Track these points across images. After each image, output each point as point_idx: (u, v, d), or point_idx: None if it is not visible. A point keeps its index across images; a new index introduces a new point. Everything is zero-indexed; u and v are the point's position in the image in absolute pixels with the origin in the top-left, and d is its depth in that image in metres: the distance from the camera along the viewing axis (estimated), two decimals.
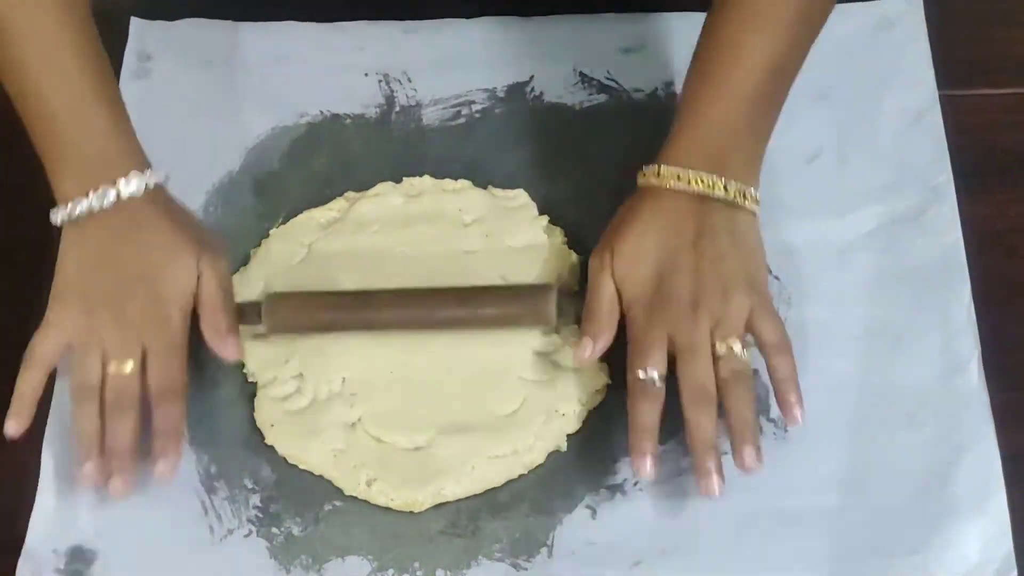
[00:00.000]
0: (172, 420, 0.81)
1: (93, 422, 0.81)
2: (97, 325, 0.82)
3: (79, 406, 0.81)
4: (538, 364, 0.85)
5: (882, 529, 0.79)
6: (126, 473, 0.80)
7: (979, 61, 0.97)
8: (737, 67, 0.82)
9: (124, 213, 0.82)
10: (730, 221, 0.81)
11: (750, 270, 0.81)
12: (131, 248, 0.83)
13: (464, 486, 0.82)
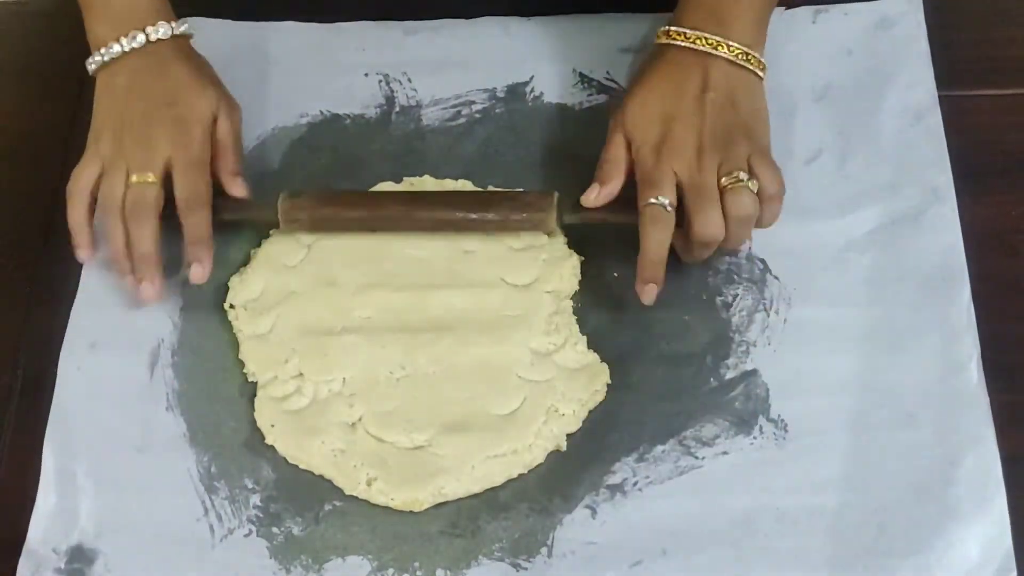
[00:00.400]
0: (200, 228, 0.87)
1: (119, 236, 0.87)
2: (124, 147, 0.88)
3: (106, 221, 0.87)
4: (538, 364, 0.85)
5: (882, 529, 0.79)
6: (152, 278, 0.86)
7: (979, 61, 0.97)
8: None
9: (152, 53, 0.90)
10: (734, 79, 0.86)
11: (750, 124, 0.86)
12: (157, 80, 0.89)
13: (464, 485, 0.82)
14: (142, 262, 0.86)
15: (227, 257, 0.91)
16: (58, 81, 1.00)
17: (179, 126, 0.88)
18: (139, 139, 0.87)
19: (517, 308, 0.87)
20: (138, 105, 0.88)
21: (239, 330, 0.88)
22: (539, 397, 0.84)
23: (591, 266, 0.90)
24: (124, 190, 0.87)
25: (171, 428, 0.85)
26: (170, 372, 0.87)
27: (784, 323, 0.86)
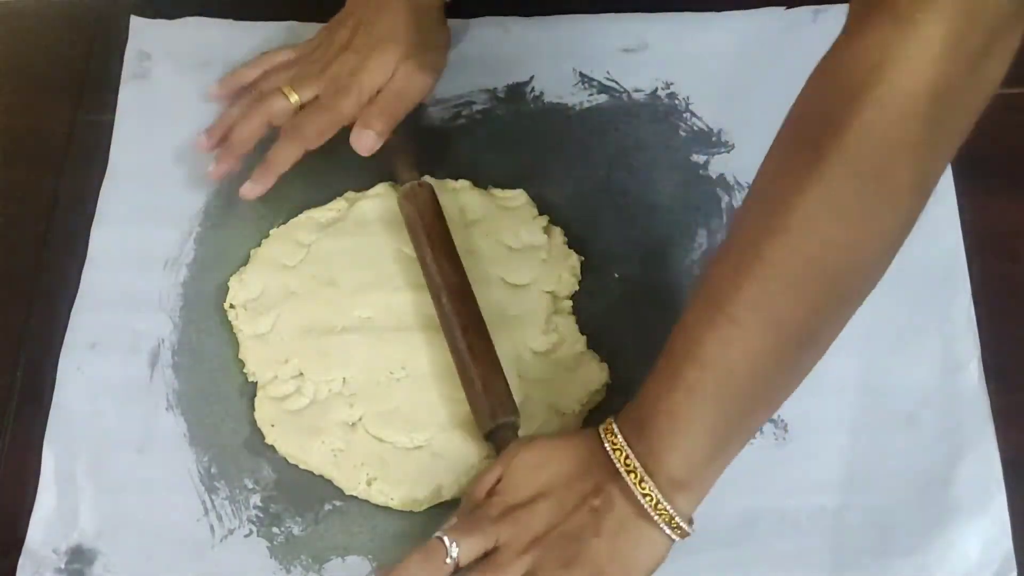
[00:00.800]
0: (280, 157, 0.89)
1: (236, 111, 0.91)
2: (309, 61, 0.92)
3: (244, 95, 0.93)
4: (537, 364, 0.85)
5: (882, 529, 0.79)
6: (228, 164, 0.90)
7: None
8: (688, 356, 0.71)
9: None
10: (634, 520, 0.72)
11: (606, 571, 0.72)
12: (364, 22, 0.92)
13: (464, 486, 0.82)
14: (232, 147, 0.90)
15: (227, 257, 0.91)
16: (58, 81, 0.99)
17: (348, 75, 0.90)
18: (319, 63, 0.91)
19: (516, 308, 0.87)
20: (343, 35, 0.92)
21: (239, 330, 0.88)
22: (539, 397, 0.84)
23: (591, 266, 0.90)
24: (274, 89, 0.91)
25: (171, 428, 0.85)
26: (170, 372, 0.87)
27: None
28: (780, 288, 0.69)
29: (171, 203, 0.93)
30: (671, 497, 0.71)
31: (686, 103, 0.96)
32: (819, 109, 0.70)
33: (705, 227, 0.90)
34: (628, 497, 0.72)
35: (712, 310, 0.70)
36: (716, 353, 0.70)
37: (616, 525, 0.72)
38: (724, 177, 0.93)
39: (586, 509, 0.73)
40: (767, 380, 0.72)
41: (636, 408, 0.74)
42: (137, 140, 0.96)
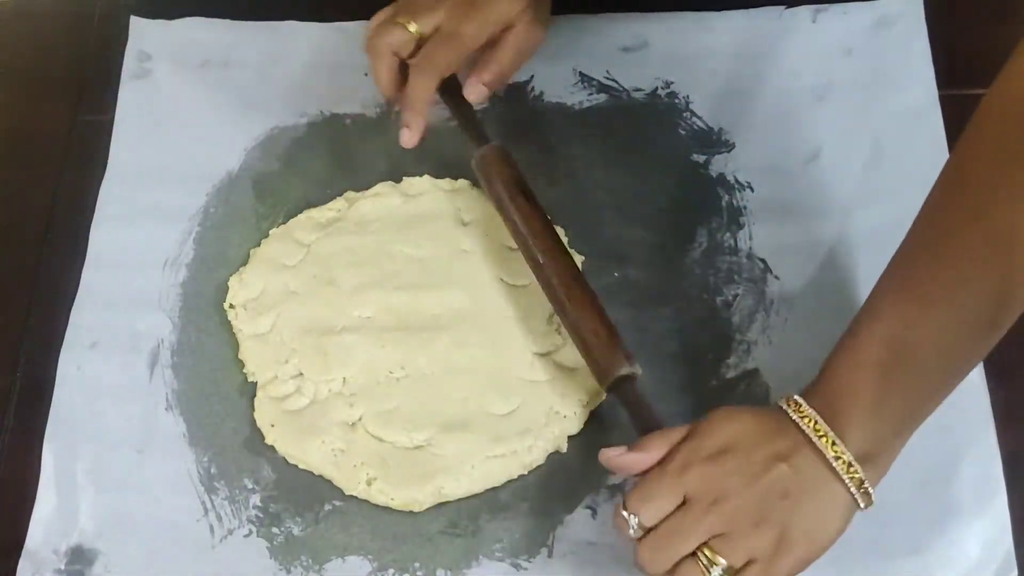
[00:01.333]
0: (416, 91, 0.86)
1: None
2: None
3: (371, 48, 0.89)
4: (538, 364, 0.85)
5: (882, 529, 0.79)
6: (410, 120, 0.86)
7: (979, 61, 0.97)
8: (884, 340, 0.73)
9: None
10: (823, 484, 0.72)
11: (790, 535, 0.71)
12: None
13: (464, 486, 0.82)
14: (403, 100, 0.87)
15: (227, 257, 0.91)
16: (58, 81, 1.00)
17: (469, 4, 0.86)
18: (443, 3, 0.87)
19: (517, 308, 0.87)
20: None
21: (239, 330, 0.88)
22: (539, 397, 0.84)
23: (591, 266, 0.89)
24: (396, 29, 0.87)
25: (171, 428, 0.85)
26: (170, 372, 0.87)
27: (785, 323, 0.86)
28: (975, 271, 0.71)
29: (171, 203, 0.93)
30: (860, 463, 0.71)
31: (686, 103, 0.96)
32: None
33: (705, 227, 0.90)
34: (818, 460, 0.72)
35: (904, 292, 0.73)
36: (906, 334, 0.72)
37: (805, 488, 0.71)
38: (724, 177, 0.93)
39: (775, 469, 0.71)
40: (952, 361, 0.73)
41: (821, 384, 0.74)
42: (137, 140, 0.96)
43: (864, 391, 0.72)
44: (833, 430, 0.72)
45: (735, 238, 0.90)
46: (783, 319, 0.86)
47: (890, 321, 0.73)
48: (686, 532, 0.71)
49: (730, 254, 0.89)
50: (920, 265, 0.73)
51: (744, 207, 0.91)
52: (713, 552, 0.70)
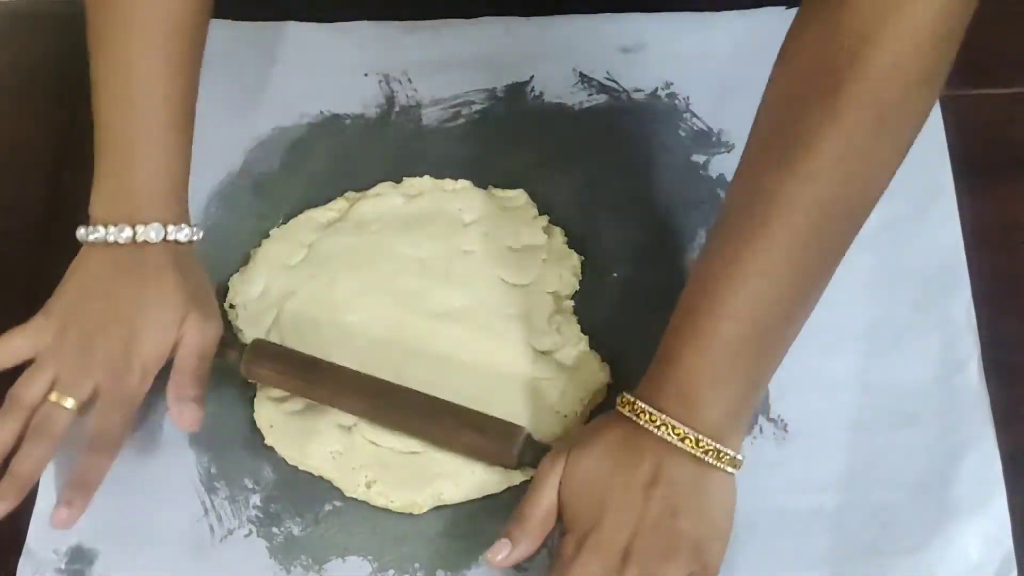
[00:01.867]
0: (92, 473, 0.81)
1: (8, 433, 0.80)
2: (61, 350, 0.81)
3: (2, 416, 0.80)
4: (538, 364, 0.85)
5: (882, 529, 0.79)
6: (7, 500, 0.79)
7: (979, 61, 0.97)
8: (721, 312, 0.74)
9: (136, 254, 0.82)
10: (696, 477, 0.74)
11: (702, 536, 0.73)
12: (125, 287, 0.82)
13: (464, 491, 0.82)
14: (13, 481, 0.79)
15: (227, 257, 0.91)
16: (58, 84, 1.00)
17: (123, 354, 0.81)
18: (79, 350, 0.81)
19: (517, 308, 0.87)
20: (95, 307, 0.82)
21: (239, 330, 0.88)
22: (540, 398, 0.84)
23: (591, 266, 0.90)
24: (41, 396, 0.80)
25: (171, 428, 0.85)
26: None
27: None
28: (809, 232, 0.73)
29: None
30: (724, 441, 0.73)
31: (686, 103, 0.96)
32: (830, 54, 0.72)
33: (705, 227, 0.90)
34: (686, 461, 0.73)
35: (739, 262, 0.73)
36: (749, 306, 0.73)
37: (687, 495, 0.73)
38: (724, 177, 0.93)
39: (653, 500, 0.73)
40: (793, 320, 0.76)
41: (666, 370, 0.75)
42: None
43: (719, 370, 0.74)
44: (689, 418, 0.73)
45: None
46: None
47: (735, 296, 0.73)
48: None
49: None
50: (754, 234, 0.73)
51: None
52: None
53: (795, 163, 0.72)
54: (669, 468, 0.73)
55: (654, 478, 0.73)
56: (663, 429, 0.73)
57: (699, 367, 0.74)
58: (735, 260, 0.73)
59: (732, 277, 0.73)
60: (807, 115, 0.72)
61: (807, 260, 0.74)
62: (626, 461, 0.74)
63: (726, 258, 0.74)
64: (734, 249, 0.74)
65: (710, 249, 0.77)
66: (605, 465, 0.75)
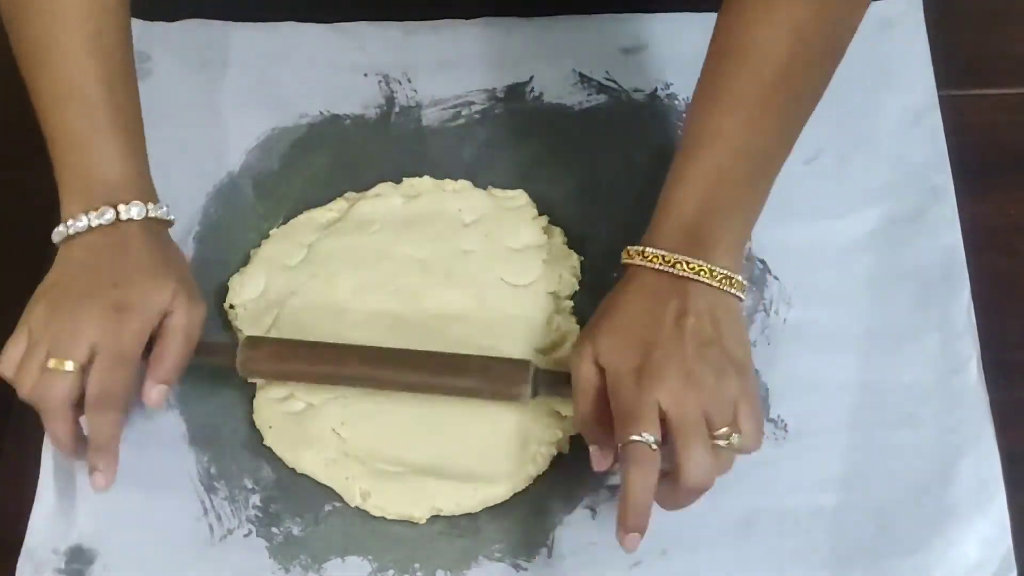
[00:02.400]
0: (104, 432, 0.80)
1: None
2: (50, 324, 0.80)
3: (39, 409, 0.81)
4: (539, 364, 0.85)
5: (882, 529, 0.79)
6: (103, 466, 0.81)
7: (979, 61, 0.97)
8: (720, 152, 0.79)
9: (116, 234, 0.82)
10: (714, 306, 0.77)
11: (738, 357, 0.76)
12: (114, 260, 0.82)
13: (464, 507, 0.82)
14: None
15: (227, 257, 0.91)
16: None
17: (117, 312, 0.79)
18: (70, 316, 0.79)
19: (517, 308, 0.87)
20: (83, 279, 0.81)
21: (239, 330, 0.88)
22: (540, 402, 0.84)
23: (591, 266, 0.90)
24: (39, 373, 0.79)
25: (171, 428, 0.85)
26: None
27: (784, 323, 0.86)
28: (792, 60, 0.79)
29: (171, 203, 0.93)
30: (731, 268, 0.78)
31: (686, 103, 0.96)
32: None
33: None
34: (705, 292, 0.77)
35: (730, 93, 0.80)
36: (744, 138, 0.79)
37: (714, 322, 0.77)
38: None
39: (689, 327, 0.76)
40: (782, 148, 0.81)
41: (672, 213, 0.79)
42: None
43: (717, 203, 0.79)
44: (704, 254, 0.77)
45: None
46: (782, 319, 0.86)
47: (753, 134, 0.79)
48: (694, 430, 0.73)
49: None
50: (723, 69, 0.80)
51: None
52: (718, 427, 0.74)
53: None
54: (693, 300, 0.77)
55: (682, 311, 0.76)
56: (679, 267, 0.77)
57: (705, 204, 0.78)
58: (726, 93, 0.79)
59: (725, 114, 0.79)
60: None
61: (792, 88, 0.79)
62: (651, 306, 0.77)
63: (717, 95, 0.79)
64: (723, 86, 0.79)
65: (699, 93, 0.81)
66: (632, 318, 0.77)
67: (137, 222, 0.82)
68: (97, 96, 0.83)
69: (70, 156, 0.83)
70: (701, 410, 0.73)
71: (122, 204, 0.82)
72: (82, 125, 0.83)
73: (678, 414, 0.73)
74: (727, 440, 0.74)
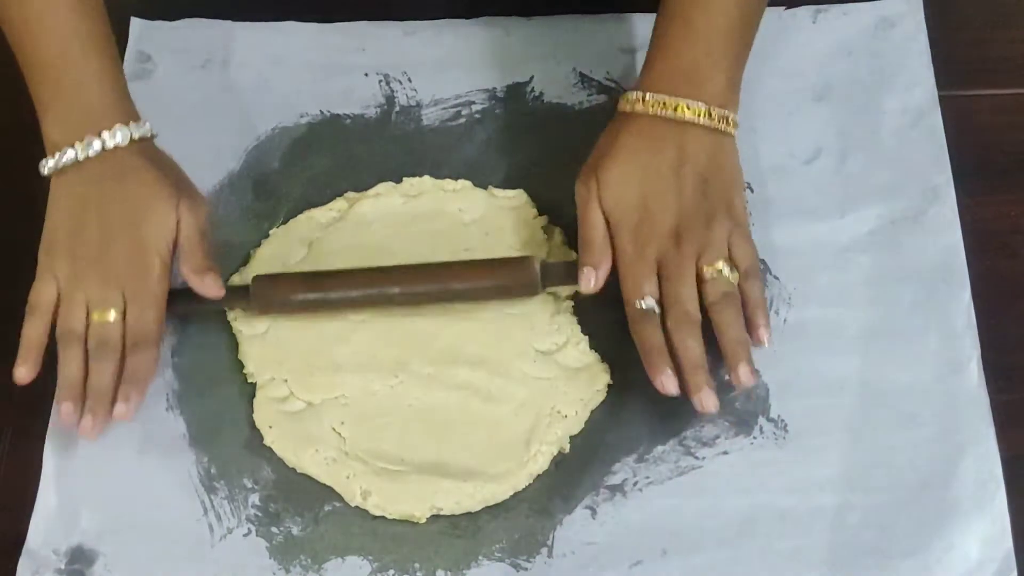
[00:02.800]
0: (141, 369, 0.84)
1: (77, 366, 0.83)
2: (81, 274, 0.84)
3: (64, 351, 0.84)
4: (540, 364, 0.85)
5: (882, 529, 0.79)
6: (99, 415, 0.83)
7: (979, 61, 0.97)
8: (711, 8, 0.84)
9: (109, 162, 0.85)
10: (711, 147, 0.84)
11: (730, 196, 0.84)
12: (115, 196, 0.85)
13: (464, 506, 0.82)
14: (97, 398, 0.83)
15: (227, 257, 0.91)
16: None
17: (137, 254, 0.85)
18: (96, 268, 0.84)
19: (518, 308, 0.87)
20: (94, 224, 0.85)
21: (238, 330, 0.88)
22: (541, 397, 0.84)
23: None
24: (86, 324, 0.84)
25: (171, 428, 0.85)
26: (170, 372, 0.87)
27: (784, 323, 0.86)
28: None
29: None
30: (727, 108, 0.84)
31: None
32: None
33: None
34: (702, 134, 0.83)
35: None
36: None
37: (709, 162, 0.83)
38: None
39: (686, 176, 0.83)
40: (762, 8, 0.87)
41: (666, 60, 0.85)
42: None
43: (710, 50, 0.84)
44: (693, 90, 0.83)
45: None
46: (782, 319, 0.86)
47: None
48: (681, 273, 0.82)
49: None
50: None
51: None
52: (709, 265, 0.82)
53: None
54: (690, 144, 0.83)
55: (680, 158, 0.83)
56: (678, 110, 0.83)
57: (697, 51, 0.84)
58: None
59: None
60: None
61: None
62: (650, 153, 0.84)
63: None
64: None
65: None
66: (633, 165, 0.84)
67: (124, 147, 0.85)
68: (68, 23, 0.85)
69: (46, 83, 0.86)
70: (692, 258, 0.82)
71: (106, 131, 0.85)
72: (56, 51, 0.85)
73: (666, 265, 0.82)
74: (718, 273, 0.82)
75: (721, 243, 0.82)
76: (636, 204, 0.83)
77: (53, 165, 0.85)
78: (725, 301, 0.82)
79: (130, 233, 0.85)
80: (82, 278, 0.84)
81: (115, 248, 0.84)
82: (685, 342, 0.81)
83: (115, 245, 0.84)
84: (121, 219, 0.85)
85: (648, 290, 0.82)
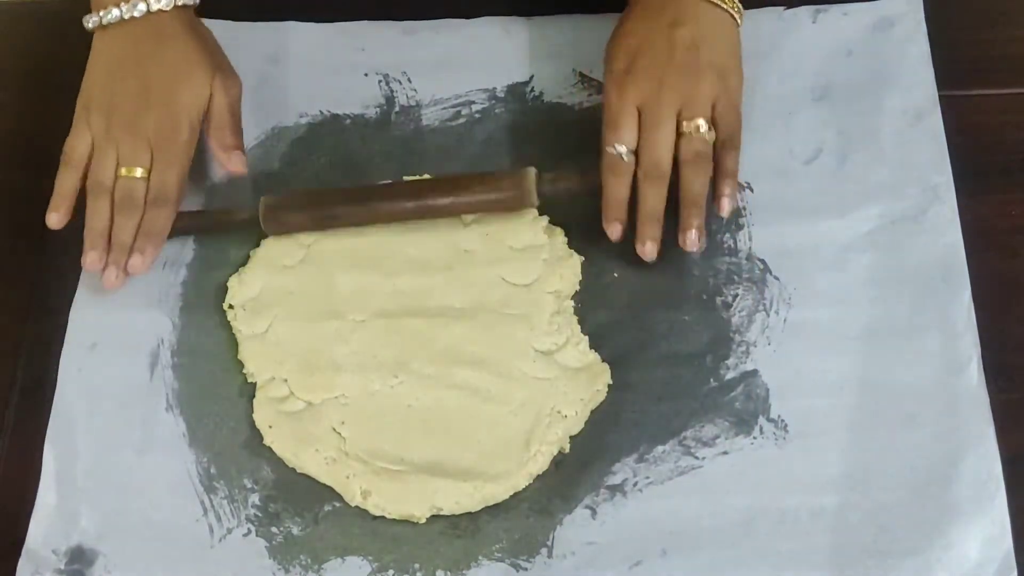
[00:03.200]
0: (158, 224, 0.88)
1: (103, 217, 0.88)
2: (115, 130, 0.89)
3: (92, 201, 0.88)
4: (540, 364, 0.85)
5: (882, 529, 0.79)
6: (120, 266, 0.88)
7: (979, 61, 0.97)
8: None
9: (150, 24, 0.90)
10: (713, 20, 0.87)
11: (721, 62, 0.87)
12: (153, 59, 0.89)
13: (464, 506, 0.82)
14: (118, 250, 0.88)
15: (227, 257, 0.91)
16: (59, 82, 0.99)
17: (168, 117, 0.89)
18: (128, 126, 0.88)
19: (518, 308, 0.87)
20: (131, 84, 0.89)
21: (238, 330, 0.88)
22: (541, 397, 0.84)
23: (591, 266, 0.90)
24: (114, 177, 0.88)
25: (171, 428, 0.85)
26: (170, 372, 0.87)
27: (784, 323, 0.86)
28: None
29: None
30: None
31: None
32: None
33: (705, 225, 0.90)
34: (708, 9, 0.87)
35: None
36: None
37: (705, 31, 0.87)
38: None
39: (679, 36, 0.86)
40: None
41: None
42: None
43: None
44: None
45: (735, 238, 0.90)
46: (782, 319, 0.86)
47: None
48: (658, 121, 0.85)
49: (730, 255, 0.89)
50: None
51: (744, 207, 0.91)
52: (688, 120, 0.85)
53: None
54: (691, 9, 0.87)
55: (678, 20, 0.87)
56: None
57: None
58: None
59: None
60: None
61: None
62: (649, 10, 0.89)
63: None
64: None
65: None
66: (630, 19, 0.89)
67: (168, 12, 0.90)
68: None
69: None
70: (673, 108, 0.84)
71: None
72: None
73: (647, 116, 0.85)
74: (696, 130, 0.84)
75: (704, 101, 0.85)
76: (626, 56, 0.87)
77: (97, 20, 0.90)
78: (696, 160, 0.84)
79: (164, 97, 0.89)
80: (115, 135, 0.88)
81: (149, 109, 0.88)
82: (646, 192, 0.85)
83: (149, 106, 0.88)
84: (157, 82, 0.89)
85: (623, 136, 0.85)
